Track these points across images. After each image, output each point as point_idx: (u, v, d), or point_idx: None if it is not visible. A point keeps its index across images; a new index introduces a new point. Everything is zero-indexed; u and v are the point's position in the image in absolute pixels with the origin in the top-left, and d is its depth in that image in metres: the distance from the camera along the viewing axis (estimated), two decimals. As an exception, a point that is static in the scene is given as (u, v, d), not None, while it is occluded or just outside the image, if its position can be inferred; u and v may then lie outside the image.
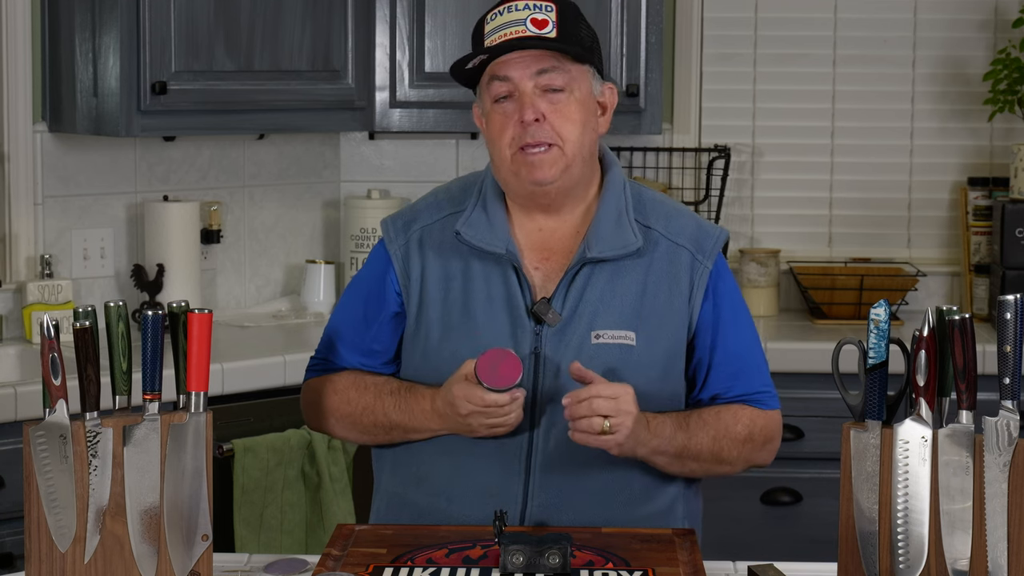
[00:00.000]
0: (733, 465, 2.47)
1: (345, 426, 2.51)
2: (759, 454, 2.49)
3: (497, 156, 2.43)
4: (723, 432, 2.44)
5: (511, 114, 2.39)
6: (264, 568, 2.27)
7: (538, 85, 2.38)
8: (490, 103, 2.42)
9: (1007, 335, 2.03)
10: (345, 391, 2.50)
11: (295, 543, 3.68)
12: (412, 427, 2.44)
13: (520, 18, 2.38)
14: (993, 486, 2.04)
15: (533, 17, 2.38)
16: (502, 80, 2.39)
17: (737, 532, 4.02)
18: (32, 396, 3.35)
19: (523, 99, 2.38)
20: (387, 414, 2.45)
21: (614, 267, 2.44)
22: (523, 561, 2.11)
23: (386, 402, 2.46)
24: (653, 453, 2.38)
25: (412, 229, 2.51)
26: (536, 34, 2.37)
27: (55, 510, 2.05)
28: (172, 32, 3.77)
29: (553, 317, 2.40)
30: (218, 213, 4.27)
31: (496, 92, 2.40)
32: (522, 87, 2.38)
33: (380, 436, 2.49)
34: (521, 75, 2.38)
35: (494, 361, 2.29)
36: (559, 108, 2.39)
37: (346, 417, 2.49)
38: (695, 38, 4.63)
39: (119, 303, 2.11)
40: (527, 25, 2.38)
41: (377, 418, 2.46)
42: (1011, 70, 4.36)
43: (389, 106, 4.17)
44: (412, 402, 2.43)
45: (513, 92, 2.39)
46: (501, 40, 2.38)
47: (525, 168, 2.39)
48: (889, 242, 4.69)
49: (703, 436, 2.42)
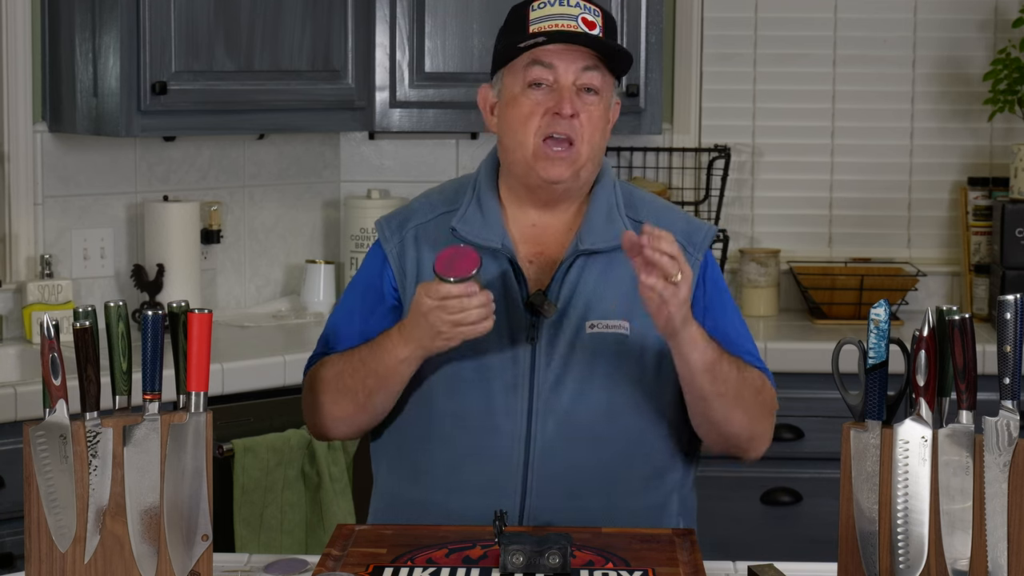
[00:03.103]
0: (745, 412, 2.43)
1: (333, 398, 2.47)
2: (763, 419, 2.47)
3: (514, 141, 2.44)
4: (745, 372, 2.43)
5: (543, 103, 2.41)
6: (264, 568, 2.27)
7: (578, 81, 2.41)
8: (521, 87, 2.43)
9: (1007, 335, 2.03)
10: (332, 363, 2.49)
11: (295, 543, 3.69)
12: (384, 365, 2.40)
13: (573, 14, 2.42)
14: (993, 486, 2.04)
15: (584, 16, 2.42)
16: (545, 67, 2.42)
17: (737, 532, 4.02)
18: (32, 396, 3.35)
19: (563, 92, 2.41)
20: (362, 362, 2.43)
21: (607, 259, 2.46)
22: (523, 561, 2.11)
23: (361, 353, 2.45)
24: (694, 341, 2.33)
25: (407, 228, 2.53)
26: (589, 34, 2.41)
27: (55, 510, 2.05)
28: (172, 32, 3.77)
29: (549, 308, 2.42)
30: (218, 213, 4.28)
31: (535, 77, 2.42)
32: (564, 81, 2.41)
33: (361, 395, 2.45)
34: (567, 68, 2.41)
35: (453, 256, 2.30)
36: (590, 109, 2.42)
37: (332, 384, 2.47)
38: (695, 38, 4.63)
39: (119, 303, 2.11)
40: (579, 22, 2.42)
41: (355, 371, 2.44)
42: (1011, 70, 4.37)
43: (389, 106, 4.17)
44: (380, 339, 2.42)
45: (552, 82, 2.42)
46: (555, 28, 2.40)
47: (543, 163, 2.42)
48: (889, 242, 4.69)
49: (729, 365, 2.40)
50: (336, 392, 2.48)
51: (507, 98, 2.46)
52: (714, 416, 2.43)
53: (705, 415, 2.44)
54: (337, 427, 2.52)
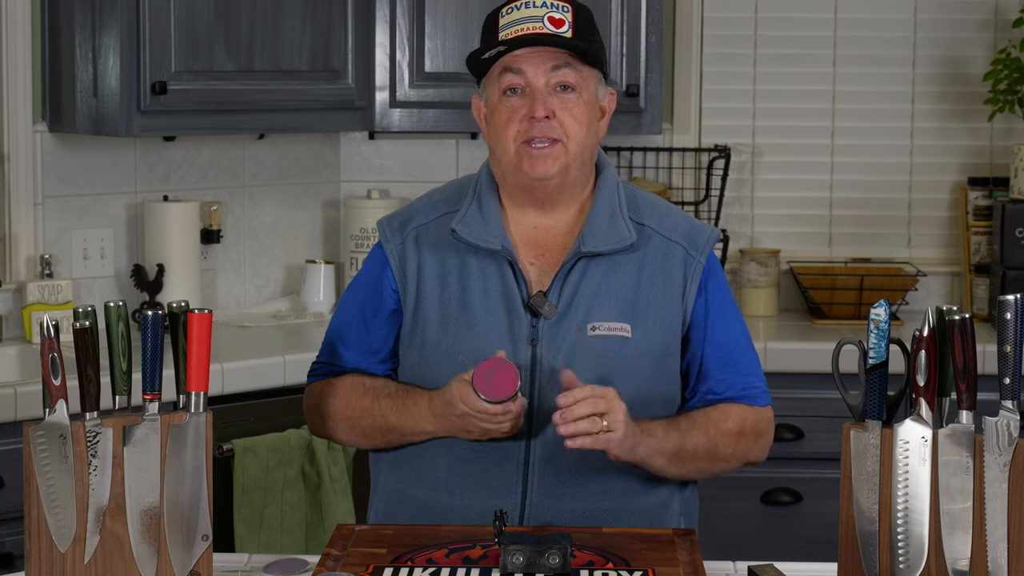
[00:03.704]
0: (729, 462, 2.48)
1: (345, 429, 2.51)
2: (753, 449, 2.50)
3: (499, 148, 2.45)
4: (714, 428, 2.45)
5: (519, 108, 2.42)
6: (264, 568, 2.27)
7: (550, 82, 2.41)
8: (498, 95, 2.44)
9: (1007, 335, 2.03)
10: (345, 395, 2.50)
11: (295, 543, 3.68)
12: (408, 429, 2.44)
13: (538, 15, 2.41)
14: (993, 486, 2.04)
15: (551, 16, 2.42)
16: (516, 73, 2.42)
17: (737, 532, 4.02)
18: (32, 396, 3.35)
19: (535, 95, 2.41)
20: (384, 416, 2.46)
21: (609, 261, 2.46)
22: (523, 561, 2.11)
23: (383, 404, 2.47)
24: (651, 453, 2.38)
25: (408, 228, 2.53)
26: (553, 32, 2.40)
27: (55, 510, 2.05)
28: (172, 32, 3.77)
29: (549, 310, 2.42)
30: (218, 213, 4.27)
31: (507, 84, 2.42)
32: (535, 83, 2.41)
33: (378, 440, 2.50)
34: (536, 71, 2.41)
35: (492, 370, 2.28)
36: (568, 107, 2.42)
37: (346, 420, 2.50)
38: (695, 38, 4.63)
39: (119, 303, 2.11)
40: (544, 22, 2.41)
41: (375, 420, 2.47)
42: (1011, 70, 4.36)
43: (389, 106, 4.17)
44: (409, 403, 2.44)
45: (524, 86, 2.42)
46: (519, 34, 2.41)
47: (528, 161, 2.42)
48: (889, 242, 4.69)
49: (696, 434, 2.43)
50: (350, 427, 2.51)
51: (490, 107, 2.47)
52: (697, 477, 2.51)
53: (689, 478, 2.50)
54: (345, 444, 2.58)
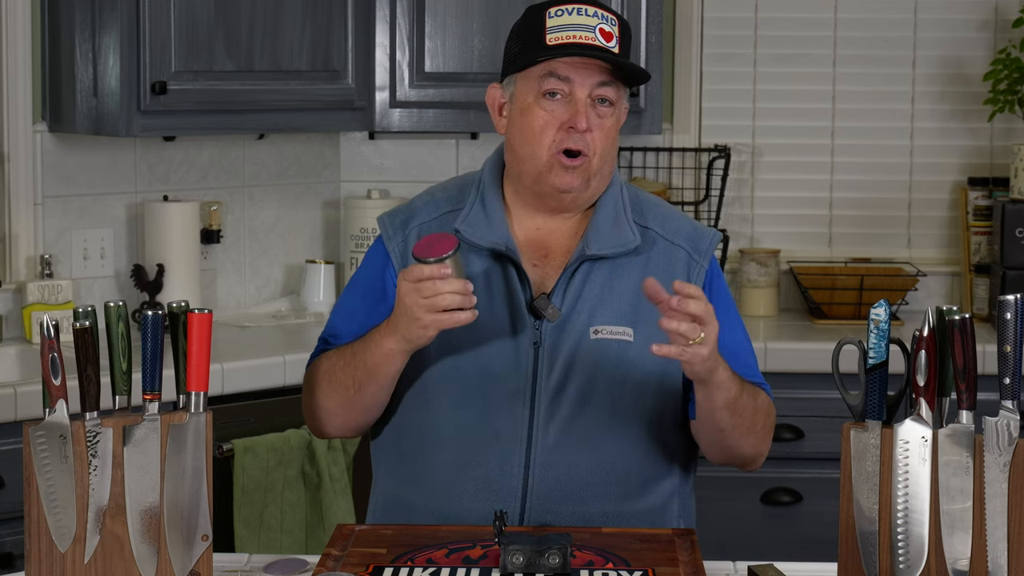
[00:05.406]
0: (756, 437, 2.45)
1: (326, 392, 2.47)
2: (768, 438, 2.49)
3: (526, 150, 2.43)
4: (757, 400, 2.43)
5: (558, 115, 2.40)
6: (264, 568, 2.27)
7: (592, 95, 2.40)
8: (535, 96, 2.42)
9: (1007, 335, 2.03)
10: (327, 358, 2.49)
11: (295, 543, 3.68)
12: (371, 354, 2.39)
13: (590, 24, 2.40)
14: (993, 486, 2.04)
15: (602, 27, 2.40)
16: (561, 79, 2.40)
17: (737, 532, 4.02)
18: (32, 396, 3.35)
19: (579, 106, 2.39)
20: (353, 353, 2.43)
21: (612, 265, 2.45)
22: (523, 561, 2.11)
23: (353, 346, 2.44)
24: (722, 384, 2.34)
25: (410, 226, 2.52)
26: (605, 46, 2.39)
27: (55, 510, 2.05)
28: (172, 32, 3.77)
29: (553, 312, 2.41)
30: (218, 213, 4.28)
31: (550, 87, 2.40)
32: (579, 95, 2.40)
33: (351, 389, 2.44)
34: (583, 82, 2.39)
35: (432, 241, 2.30)
36: (603, 122, 2.41)
37: (325, 378, 2.47)
38: (695, 38, 4.63)
39: (119, 303, 2.11)
40: (596, 34, 2.39)
41: (347, 363, 2.43)
42: (1011, 70, 4.37)
43: (389, 106, 4.17)
44: (371, 331, 2.41)
45: (566, 94, 2.40)
46: (571, 40, 2.38)
47: (557, 171, 2.41)
48: (889, 242, 4.69)
49: (747, 395, 2.41)
50: (329, 385, 2.47)
51: (520, 105, 2.44)
52: (727, 442, 2.45)
53: (719, 442, 2.45)
54: (331, 421, 2.50)
